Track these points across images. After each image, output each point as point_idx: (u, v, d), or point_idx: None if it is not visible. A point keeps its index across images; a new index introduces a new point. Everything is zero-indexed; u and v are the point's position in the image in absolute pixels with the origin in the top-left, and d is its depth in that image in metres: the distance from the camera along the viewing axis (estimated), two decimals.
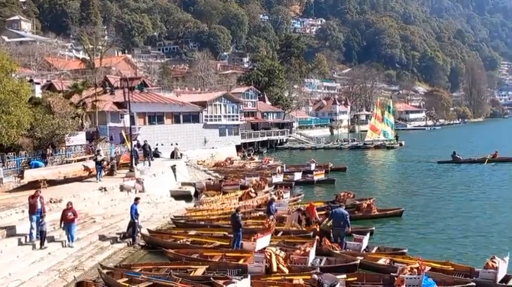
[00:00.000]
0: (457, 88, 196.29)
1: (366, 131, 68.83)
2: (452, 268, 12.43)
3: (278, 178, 31.25)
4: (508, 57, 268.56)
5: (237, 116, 55.67)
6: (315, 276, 10.78)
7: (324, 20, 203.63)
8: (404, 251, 14.40)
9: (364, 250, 14.75)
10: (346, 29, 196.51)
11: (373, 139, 62.61)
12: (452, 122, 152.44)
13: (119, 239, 16.57)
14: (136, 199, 17.18)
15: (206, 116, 49.07)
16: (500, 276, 11.43)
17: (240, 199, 24.16)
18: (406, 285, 10.48)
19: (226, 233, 16.94)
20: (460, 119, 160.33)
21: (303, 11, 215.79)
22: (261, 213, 20.46)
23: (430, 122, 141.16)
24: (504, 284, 11.42)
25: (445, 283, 11.35)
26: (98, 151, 24.66)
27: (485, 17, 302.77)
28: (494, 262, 11.66)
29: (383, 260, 13.44)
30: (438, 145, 64.60)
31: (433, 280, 11.23)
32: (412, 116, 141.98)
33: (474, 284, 11.23)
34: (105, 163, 24.45)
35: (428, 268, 11.96)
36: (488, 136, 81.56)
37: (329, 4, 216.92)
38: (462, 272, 12.18)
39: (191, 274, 12.62)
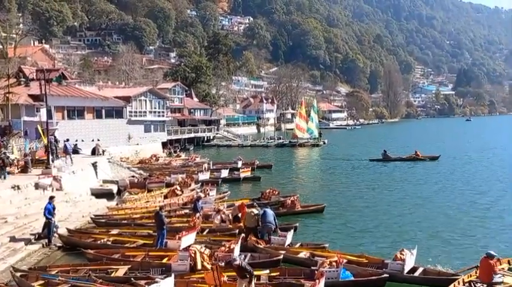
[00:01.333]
0: (376, 90, 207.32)
1: (292, 129, 70.64)
2: (366, 261, 13.10)
3: (205, 175, 31.09)
4: (422, 61, 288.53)
5: (163, 112, 54.57)
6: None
7: (251, 19, 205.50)
8: (325, 245, 14.92)
9: (288, 245, 15.07)
10: (273, 28, 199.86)
11: (299, 137, 64.35)
12: (371, 122, 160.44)
13: (33, 240, 15.59)
14: (51, 198, 16.26)
15: (130, 112, 47.57)
16: (407, 267, 12.18)
17: (165, 197, 23.74)
18: (325, 278, 10.85)
19: (150, 231, 16.56)
20: (378, 119, 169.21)
21: (230, 8, 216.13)
22: (187, 211, 20.27)
23: (351, 122, 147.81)
24: (411, 274, 12.15)
25: (360, 275, 11.92)
26: (4, 153, 22.91)
27: (402, 23, 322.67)
28: (403, 254, 12.40)
29: (304, 254, 13.86)
30: (359, 143, 67.97)
31: (350, 272, 11.81)
32: (334, 115, 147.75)
33: (387, 275, 11.85)
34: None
35: (345, 261, 12.49)
36: (404, 135, 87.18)
37: (256, 3, 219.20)
38: (375, 264, 12.84)
39: (112, 275, 12.17)
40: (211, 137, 70.01)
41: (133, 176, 30.44)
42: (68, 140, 29.11)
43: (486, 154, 48.94)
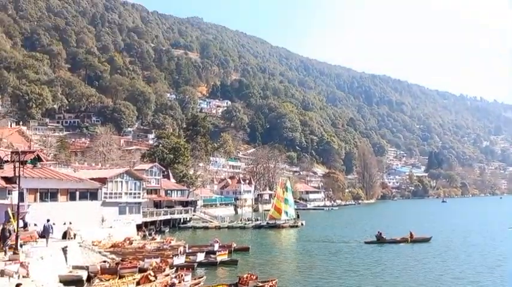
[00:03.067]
0: (351, 171, 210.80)
1: (269, 210, 70.17)
2: None
3: (180, 259, 30.11)
4: (394, 144, 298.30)
5: (139, 193, 53.75)
6: None
7: (229, 102, 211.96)
8: None
9: None
10: (251, 111, 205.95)
11: (277, 218, 63.85)
12: (347, 203, 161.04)
13: None
14: (18, 286, 15.33)
15: (106, 193, 46.67)
16: None
17: (138, 283, 22.72)
18: None
19: None
20: (355, 200, 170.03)
21: (209, 92, 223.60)
22: None
23: (328, 203, 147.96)
24: None
25: None
26: None
27: (373, 108, 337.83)
28: None
29: None
30: (337, 225, 67.52)
31: None
32: (311, 196, 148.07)
33: None
34: None
35: None
36: (382, 217, 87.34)
37: (234, 88, 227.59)
38: None
39: None
40: (188, 219, 68.58)
41: (104, 261, 29.18)
42: (48, 220, 28.07)
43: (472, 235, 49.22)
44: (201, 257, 31.76)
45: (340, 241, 44.36)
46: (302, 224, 64.36)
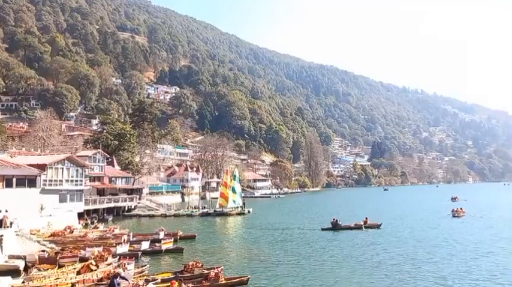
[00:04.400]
0: (298, 159, 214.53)
1: (217, 198, 70.19)
2: None
3: (123, 248, 29.45)
4: (340, 134, 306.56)
5: (81, 180, 51.85)
6: None
7: (178, 88, 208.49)
8: None
9: None
10: (199, 98, 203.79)
11: (224, 206, 64.03)
12: (294, 190, 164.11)
13: None
14: None
15: (45, 180, 44.66)
16: None
17: (79, 273, 21.96)
18: None
19: None
20: (301, 188, 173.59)
21: (157, 77, 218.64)
22: None
23: (275, 190, 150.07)
24: None
25: None
26: None
27: (321, 98, 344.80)
28: None
29: None
30: (283, 212, 68.68)
31: None
32: (259, 184, 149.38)
33: None
34: None
35: None
36: (328, 204, 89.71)
37: (183, 74, 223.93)
38: None
39: None
40: (133, 207, 67.18)
41: (43, 251, 27.99)
42: None
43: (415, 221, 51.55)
44: (145, 245, 31.25)
45: (293, 228, 45.06)
46: (249, 211, 64.92)
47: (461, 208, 60.12)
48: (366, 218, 45.17)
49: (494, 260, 26.68)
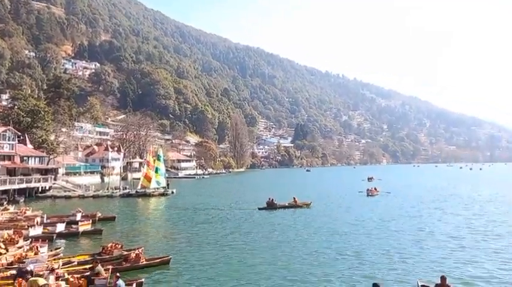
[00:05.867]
0: (224, 140, 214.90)
1: (139, 178, 68.39)
2: None
3: (36, 231, 27.79)
4: (265, 115, 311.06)
5: None
6: None
7: (98, 64, 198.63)
8: None
9: None
10: (122, 75, 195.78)
11: (147, 187, 62.59)
12: (219, 171, 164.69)
13: None
14: None
15: None
16: None
17: None
18: None
19: None
20: (226, 169, 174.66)
21: (75, 52, 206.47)
22: (13, 272, 17.58)
23: (200, 171, 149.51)
24: None
25: None
26: None
27: (247, 80, 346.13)
28: None
29: None
30: (207, 193, 68.62)
31: None
32: (183, 164, 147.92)
33: None
34: None
35: None
36: (254, 185, 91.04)
37: (104, 49, 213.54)
38: None
39: None
40: (48, 188, 63.49)
41: None
42: None
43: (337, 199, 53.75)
44: (61, 227, 29.72)
45: (217, 208, 45.09)
46: (172, 192, 64.07)
47: (375, 188, 63.83)
48: (294, 198, 46.40)
49: (401, 236, 28.66)
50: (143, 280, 17.25)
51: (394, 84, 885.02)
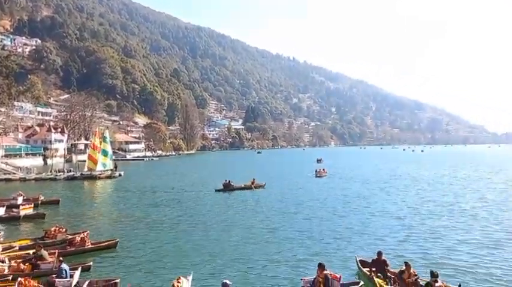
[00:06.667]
0: (173, 122, 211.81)
1: (85, 161, 66.36)
2: None
3: None
4: (216, 97, 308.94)
5: None
6: None
7: (39, 41, 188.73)
8: (117, 281, 14.15)
9: (75, 286, 13.86)
10: (65, 53, 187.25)
11: (93, 169, 60.84)
12: (169, 153, 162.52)
13: None
14: None
15: None
16: None
17: None
18: None
19: None
20: (176, 151, 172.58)
21: (14, 27, 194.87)
22: None
23: (149, 153, 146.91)
24: None
25: None
26: None
27: (197, 61, 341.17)
28: (179, 282, 12.79)
29: None
30: (156, 175, 67.68)
31: None
32: (132, 146, 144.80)
33: None
34: None
35: None
36: (205, 167, 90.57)
37: (46, 25, 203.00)
38: None
39: None
40: None
41: None
42: None
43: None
44: (0, 212, 28.43)
45: (167, 191, 44.59)
46: (120, 175, 62.72)
47: (323, 169, 65.52)
48: (253, 179, 46.98)
49: (346, 215, 29.73)
50: (91, 263, 16.91)
51: (342, 68, 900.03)
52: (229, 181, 44.91)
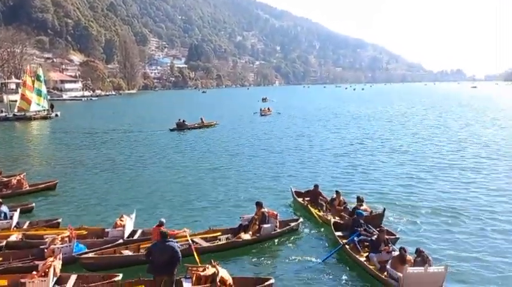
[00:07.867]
0: (112, 60, 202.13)
1: (16, 100, 62.80)
2: (86, 232, 12.88)
3: None
4: (157, 34, 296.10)
5: None
6: None
7: None
8: (59, 220, 14.16)
9: (15, 227, 13.69)
10: None
11: (26, 110, 57.85)
12: (108, 93, 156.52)
13: None
14: None
15: None
16: (127, 232, 12.65)
17: None
18: (59, 253, 10.26)
19: None
20: (116, 91, 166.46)
21: None
22: None
23: (87, 93, 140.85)
24: (131, 238, 12.63)
25: (94, 245, 11.90)
26: None
27: None
28: (122, 220, 12.81)
29: (15, 236, 12.78)
30: (96, 115, 65.62)
31: (84, 245, 11.71)
32: (68, 86, 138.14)
33: (121, 241, 12.14)
34: None
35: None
36: (148, 107, 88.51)
37: None
38: (96, 233, 12.87)
39: None
40: None
41: None
42: None
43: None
44: None
45: (94, 132, 43.45)
46: (57, 115, 60.26)
47: (268, 108, 66.20)
48: (202, 118, 47.17)
49: (286, 152, 30.70)
50: (33, 204, 16.61)
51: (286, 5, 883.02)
52: (183, 120, 44.64)
